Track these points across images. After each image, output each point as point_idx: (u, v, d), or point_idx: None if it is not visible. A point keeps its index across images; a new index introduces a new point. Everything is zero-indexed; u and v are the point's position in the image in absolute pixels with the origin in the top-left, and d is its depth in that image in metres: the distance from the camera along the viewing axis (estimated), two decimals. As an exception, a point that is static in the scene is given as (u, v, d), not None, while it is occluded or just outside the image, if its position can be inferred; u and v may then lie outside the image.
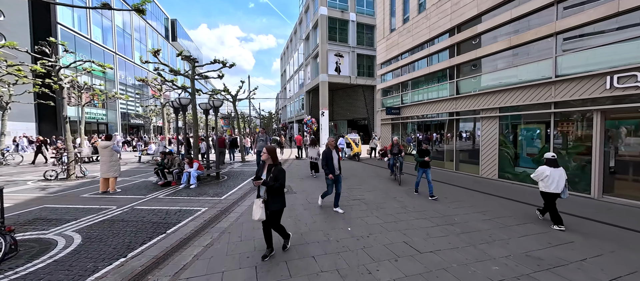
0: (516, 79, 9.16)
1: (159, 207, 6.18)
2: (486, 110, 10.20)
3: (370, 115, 30.64)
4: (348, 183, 8.88)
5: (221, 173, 10.67)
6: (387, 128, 16.99)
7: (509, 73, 9.40)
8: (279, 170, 3.58)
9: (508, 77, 9.45)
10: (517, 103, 9.08)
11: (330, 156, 5.85)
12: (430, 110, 13.11)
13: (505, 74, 9.57)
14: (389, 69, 16.22)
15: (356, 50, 28.96)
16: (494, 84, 9.90)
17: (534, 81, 8.55)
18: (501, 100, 9.61)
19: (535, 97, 8.57)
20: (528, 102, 8.76)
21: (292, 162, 15.08)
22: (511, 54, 9.41)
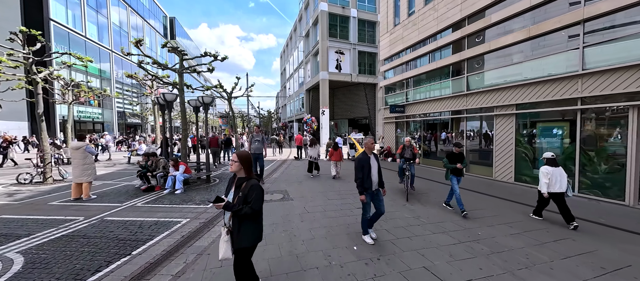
0: (536, 73, 8.27)
1: (133, 217, 5.32)
2: (501, 107, 9.31)
3: (371, 114, 29.75)
4: (349, 187, 8.02)
5: (212, 176, 9.80)
6: (390, 127, 16.11)
7: (528, 66, 8.51)
8: (252, 188, 2.41)
9: (526, 71, 8.56)
10: (537, 99, 8.19)
11: (368, 165, 4.08)
12: (437, 107, 12.22)
13: (523, 68, 8.68)
14: (393, 65, 15.33)
15: (357, 47, 28.06)
16: (511, 79, 9.01)
17: (557, 75, 7.66)
18: (518, 97, 8.72)
19: (558, 92, 7.68)
20: (550, 98, 7.88)
21: (290, 163, 14.22)
22: (530, 45, 8.52)
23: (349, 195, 7.14)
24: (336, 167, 9.83)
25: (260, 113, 40.34)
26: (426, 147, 13.58)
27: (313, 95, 32.84)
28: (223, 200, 2.38)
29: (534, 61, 8.35)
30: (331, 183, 8.86)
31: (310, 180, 9.29)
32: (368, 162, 4.11)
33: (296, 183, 8.76)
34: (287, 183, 8.88)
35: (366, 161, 4.10)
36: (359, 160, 4.12)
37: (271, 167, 12.94)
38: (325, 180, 9.32)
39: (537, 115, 8.51)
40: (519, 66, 8.79)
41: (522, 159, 8.86)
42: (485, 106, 9.88)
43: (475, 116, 10.60)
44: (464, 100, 10.78)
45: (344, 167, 12.24)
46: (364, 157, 4.15)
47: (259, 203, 2.42)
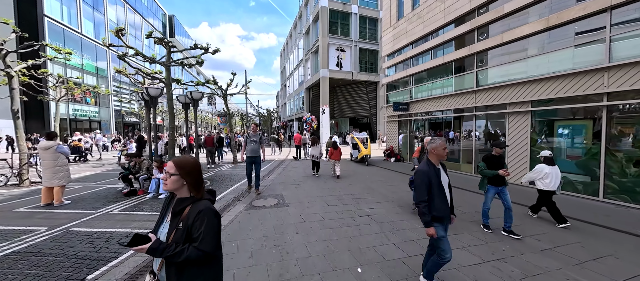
0: (555, 67, 7.54)
1: (104, 228, 4.63)
2: (515, 104, 8.58)
3: (372, 112, 29.03)
4: (350, 190, 7.32)
5: (204, 178, 9.11)
6: (393, 125, 15.39)
7: (546, 59, 7.78)
8: (201, 215, 1.45)
9: (544, 65, 7.84)
10: (556, 95, 7.46)
11: (437, 180, 2.69)
12: (443, 105, 11.50)
13: (540, 61, 7.95)
14: (396, 61, 14.60)
15: (359, 44, 27.32)
16: (526, 74, 8.28)
17: (580, 68, 6.94)
18: (534, 92, 7.99)
19: (580, 88, 6.96)
20: (570, 94, 7.15)
21: (289, 163, 13.52)
22: (548, 37, 7.80)
23: (350, 201, 6.43)
24: (335, 166, 9.62)
25: (259, 112, 39.67)
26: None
27: (313, 93, 32.14)
28: (146, 240, 1.38)
29: (552, 54, 7.61)
30: (331, 185, 8.16)
31: (309, 183, 8.59)
32: (436, 176, 2.69)
33: (293, 186, 8.06)
34: (284, 185, 8.18)
35: (433, 175, 2.67)
36: (422, 174, 2.68)
37: (268, 167, 12.25)
38: (325, 182, 8.63)
39: (556, 113, 7.78)
40: (535, 59, 8.07)
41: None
42: (497, 103, 9.15)
43: (487, 114, 9.87)
44: (473, 97, 10.05)
45: (343, 168, 11.54)
46: (429, 168, 2.69)
47: (211, 240, 1.44)
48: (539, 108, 8.02)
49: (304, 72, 33.16)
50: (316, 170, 9.94)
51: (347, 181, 8.96)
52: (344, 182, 8.86)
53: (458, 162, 11.13)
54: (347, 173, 10.54)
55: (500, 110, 9.17)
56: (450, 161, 11.52)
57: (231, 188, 7.87)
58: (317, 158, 9.95)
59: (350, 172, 10.92)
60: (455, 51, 10.77)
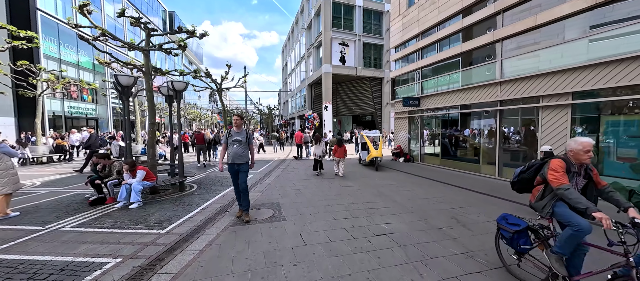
0: (603, 52, 6.28)
1: (40, 254, 3.47)
2: (551, 96, 7.33)
3: (377, 109, 27.76)
4: (361, 198, 6.13)
5: (190, 182, 7.95)
6: (402, 122, 14.15)
7: (594, 43, 6.51)
8: None
9: (589, 50, 6.58)
10: (605, 85, 6.20)
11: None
12: (461, 99, 10.24)
13: (583, 46, 6.69)
14: (406, 53, 13.34)
15: (363, 38, 26.03)
16: (566, 61, 7.01)
17: (636, 52, 5.68)
18: (576, 82, 6.73)
19: (638, 75, 5.70)
20: (625, 83, 5.89)
21: (289, 163, 12.34)
22: (592, 17, 6.54)
23: (361, 211, 5.24)
24: (339, 165, 9.25)
25: (260, 109, 38.44)
26: (474, 143, 11.63)
27: (315, 90, 30.92)
28: None
29: (601, 36, 6.35)
30: (337, 190, 6.98)
31: (311, 187, 7.41)
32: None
33: (293, 192, 6.88)
34: (282, 191, 6.99)
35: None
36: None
37: (266, 169, 11.08)
38: (329, 186, 7.44)
39: (603, 106, 6.53)
40: (578, 44, 6.80)
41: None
42: (527, 96, 7.89)
43: (513, 109, 8.62)
44: (497, 90, 8.80)
45: (350, 170, 10.35)
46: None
47: None
48: (583, 101, 6.76)
49: (305, 68, 31.92)
50: (319, 169, 9.45)
51: (355, 185, 7.76)
52: (351, 186, 7.67)
53: (477, 163, 9.89)
54: (353, 175, 9.35)
55: (530, 103, 7.92)
56: (467, 161, 10.29)
57: (220, 194, 6.69)
58: (320, 157, 9.44)
59: (356, 174, 9.71)
60: (475, 39, 9.50)
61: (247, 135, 4.80)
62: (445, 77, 11.17)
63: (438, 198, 6.45)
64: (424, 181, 8.52)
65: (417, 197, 6.55)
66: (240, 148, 4.70)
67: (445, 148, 11.61)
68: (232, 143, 4.71)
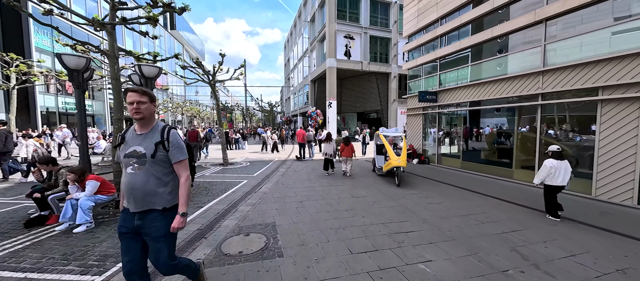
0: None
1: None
2: (617, 87, 5.82)
3: (383, 106, 26.22)
4: (381, 216, 4.72)
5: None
6: (415, 120, 12.66)
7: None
8: None
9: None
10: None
11: None
12: (489, 92, 8.73)
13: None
14: (422, 41, 11.81)
15: (369, 31, 24.43)
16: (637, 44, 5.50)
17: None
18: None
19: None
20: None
21: (291, 165, 10.93)
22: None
23: (386, 239, 3.81)
24: (347, 164, 8.66)
25: (262, 106, 37.01)
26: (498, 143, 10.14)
27: (319, 86, 29.44)
28: None
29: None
30: (349, 203, 5.55)
31: (317, 197, 5.99)
32: None
33: (294, 205, 5.46)
34: (281, 203, 5.59)
35: None
36: None
37: (264, 171, 9.68)
38: (339, 196, 6.01)
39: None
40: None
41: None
42: (581, 87, 6.39)
43: (556, 103, 7.12)
44: (538, 81, 7.29)
45: (359, 174, 8.92)
46: None
47: None
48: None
49: (308, 63, 30.40)
50: (330, 168, 8.96)
51: (368, 194, 6.33)
52: (365, 195, 6.23)
53: (508, 167, 8.40)
54: (362, 179, 7.92)
55: (585, 96, 6.41)
56: (495, 164, 8.80)
57: (202, 208, 5.29)
58: (331, 156, 8.93)
59: (369, 181, 8.28)
60: (511, 21, 7.98)
61: (175, 144, 2.01)
62: (468, 68, 9.65)
63: (478, 215, 5.01)
64: (449, 189, 7.06)
65: (450, 213, 5.11)
66: (145, 174, 1.92)
67: (469, 149, 10.13)
68: (129, 160, 1.94)
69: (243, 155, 14.82)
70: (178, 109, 32.55)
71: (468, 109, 9.88)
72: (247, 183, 7.44)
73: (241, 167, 10.28)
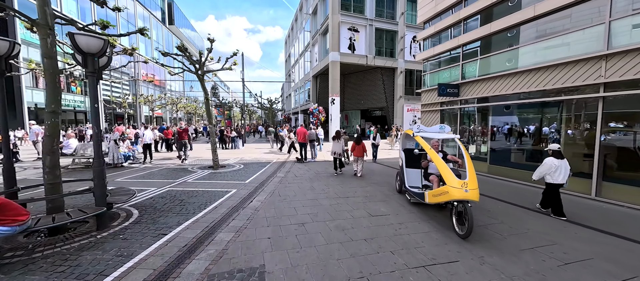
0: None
1: None
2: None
3: (389, 103, 24.66)
4: (426, 244, 3.23)
5: (128, 207, 5.02)
6: (432, 117, 11.12)
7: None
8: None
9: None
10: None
11: None
12: (526, 84, 7.17)
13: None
14: (442, 27, 10.25)
15: (374, 23, 22.81)
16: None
17: None
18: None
19: None
20: None
21: (291, 169, 9.43)
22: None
23: None
24: (358, 164, 8.11)
25: (261, 103, 35.43)
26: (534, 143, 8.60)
27: (321, 82, 27.88)
28: None
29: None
30: (369, 230, 4.03)
31: (324, 215, 4.49)
32: None
33: (294, 231, 3.96)
34: (275, 230, 4.08)
35: None
36: None
37: (259, 176, 8.17)
38: (353, 216, 4.50)
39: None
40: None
41: None
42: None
43: (616, 95, 5.57)
44: (600, 67, 5.75)
45: (371, 175, 7.39)
46: None
47: None
48: None
49: (310, 58, 28.80)
50: (339, 168, 8.41)
51: (391, 211, 4.81)
52: (387, 214, 4.73)
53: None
54: (379, 188, 6.40)
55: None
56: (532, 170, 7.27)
57: (164, 238, 3.78)
58: (340, 155, 8.33)
59: (385, 189, 6.77)
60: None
61: None
62: (500, 56, 8.10)
63: (549, 246, 3.50)
64: (489, 202, 5.55)
65: (510, 242, 3.60)
66: None
67: (497, 151, 8.61)
68: None
69: (238, 155, 13.33)
70: (173, 106, 31.03)
71: (498, 103, 8.34)
72: (236, 194, 5.94)
73: (233, 171, 8.79)
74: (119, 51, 9.05)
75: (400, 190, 6.16)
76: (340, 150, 8.29)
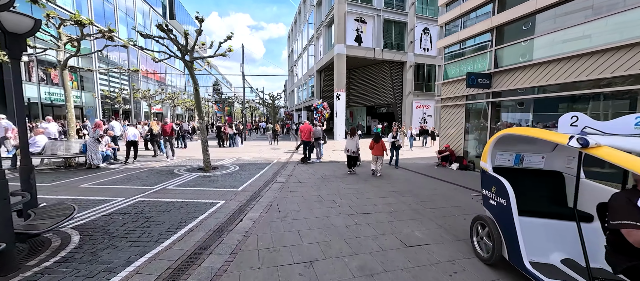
0: None
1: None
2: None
3: (397, 99, 23.15)
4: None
5: (71, 228, 3.68)
6: (453, 113, 9.65)
7: None
8: None
9: None
10: None
11: None
12: (589, 69, 5.70)
13: None
14: (468, 8, 8.76)
15: (383, 14, 21.26)
16: None
17: None
18: None
19: None
20: None
21: (293, 171, 8.05)
22: None
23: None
24: (377, 163, 7.55)
25: (263, 99, 33.92)
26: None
27: (325, 77, 26.45)
28: None
29: None
30: (414, 273, 2.67)
31: (342, 251, 3.12)
32: None
33: (300, 276, 2.60)
34: (269, 274, 2.72)
35: None
36: None
37: (255, 182, 6.79)
38: (384, 246, 3.11)
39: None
40: None
41: None
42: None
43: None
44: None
45: (395, 180, 5.98)
46: None
47: None
48: None
49: (314, 52, 27.32)
50: (353, 166, 7.93)
51: (430, 237, 3.43)
52: (427, 242, 3.34)
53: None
54: (404, 198, 5.01)
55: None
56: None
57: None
58: (354, 153, 7.80)
59: (411, 200, 5.37)
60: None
61: None
62: (548, 37, 6.61)
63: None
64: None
65: None
66: None
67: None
68: None
69: (235, 154, 11.98)
70: (170, 101, 29.71)
71: (547, 95, 6.87)
72: (223, 208, 4.57)
73: (225, 175, 7.42)
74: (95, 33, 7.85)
75: (490, 261, 2.86)
76: (354, 147, 7.72)
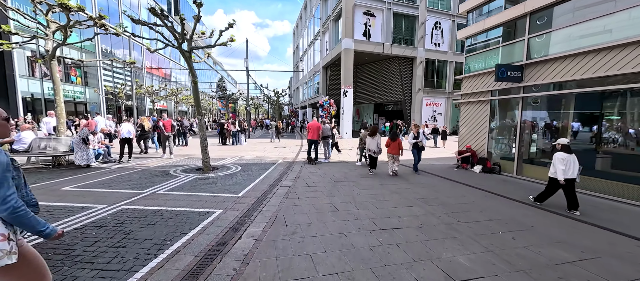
0: None
1: None
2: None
3: (406, 97, 22.19)
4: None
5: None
6: (476, 110, 8.74)
7: None
8: None
9: None
10: None
11: None
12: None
13: None
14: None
15: (393, 7, 20.26)
16: None
17: None
18: None
19: None
20: None
21: (300, 173, 7.27)
22: None
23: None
24: (394, 163, 7.12)
25: (268, 96, 33.22)
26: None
27: (332, 73, 25.57)
28: None
29: None
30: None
31: None
32: None
33: None
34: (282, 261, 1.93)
35: None
36: None
37: (256, 185, 6.02)
38: (426, 279, 2.34)
39: None
40: None
41: None
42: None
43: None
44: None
45: (414, 183, 5.15)
46: None
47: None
48: None
49: (320, 47, 26.43)
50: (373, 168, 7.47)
51: (482, 268, 2.61)
52: (481, 275, 2.53)
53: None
54: (426, 205, 4.19)
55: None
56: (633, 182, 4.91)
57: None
58: (376, 153, 7.40)
59: (438, 208, 4.53)
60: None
61: None
62: (599, 21, 5.67)
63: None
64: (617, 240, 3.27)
65: None
66: None
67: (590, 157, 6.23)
68: None
69: (238, 153, 11.23)
70: (175, 97, 29.16)
71: (587, 89, 5.94)
72: (219, 220, 3.81)
73: (225, 176, 6.66)
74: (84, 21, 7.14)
75: None
76: (376, 147, 7.37)
